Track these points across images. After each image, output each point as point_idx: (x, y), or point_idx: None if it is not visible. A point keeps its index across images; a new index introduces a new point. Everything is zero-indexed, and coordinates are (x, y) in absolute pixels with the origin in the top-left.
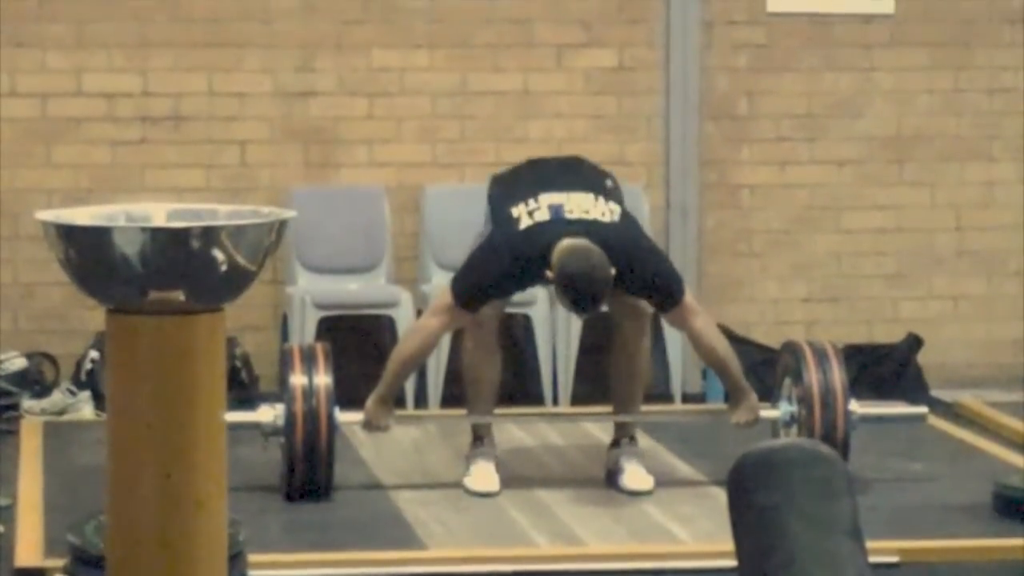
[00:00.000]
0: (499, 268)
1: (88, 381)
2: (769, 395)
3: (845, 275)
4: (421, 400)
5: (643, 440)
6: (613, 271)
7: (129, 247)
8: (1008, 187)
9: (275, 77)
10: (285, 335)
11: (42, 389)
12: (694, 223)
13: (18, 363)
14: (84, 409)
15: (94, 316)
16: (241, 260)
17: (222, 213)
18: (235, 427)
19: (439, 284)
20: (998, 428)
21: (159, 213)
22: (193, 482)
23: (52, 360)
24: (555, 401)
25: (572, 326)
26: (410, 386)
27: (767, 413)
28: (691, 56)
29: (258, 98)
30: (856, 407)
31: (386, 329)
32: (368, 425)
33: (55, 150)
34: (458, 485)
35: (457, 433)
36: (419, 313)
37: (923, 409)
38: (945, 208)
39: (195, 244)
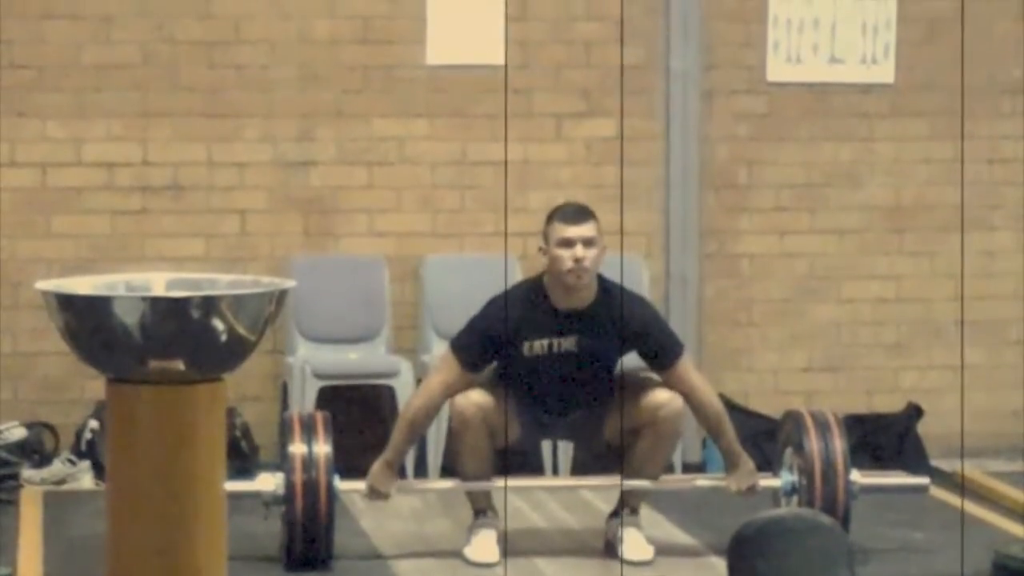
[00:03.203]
0: (495, 310)
1: (88, 451)
2: (769, 465)
3: (845, 345)
4: (421, 470)
5: (643, 509)
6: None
7: (129, 316)
8: (1008, 256)
9: (275, 147)
10: (285, 405)
11: (42, 459)
12: (694, 292)
13: (18, 433)
14: (84, 479)
15: (94, 386)
16: (241, 330)
17: (222, 283)
18: (235, 496)
19: (439, 353)
20: (999, 498)
21: (159, 282)
22: (193, 552)
23: (52, 430)
24: (555, 471)
25: None
26: (410, 456)
27: (768, 482)
28: (691, 126)
29: (258, 167)
30: (857, 477)
31: (386, 399)
32: (371, 492)
33: (55, 220)
34: (458, 555)
35: (457, 503)
36: (419, 383)
37: (924, 480)
38: (945, 278)
39: (195, 314)
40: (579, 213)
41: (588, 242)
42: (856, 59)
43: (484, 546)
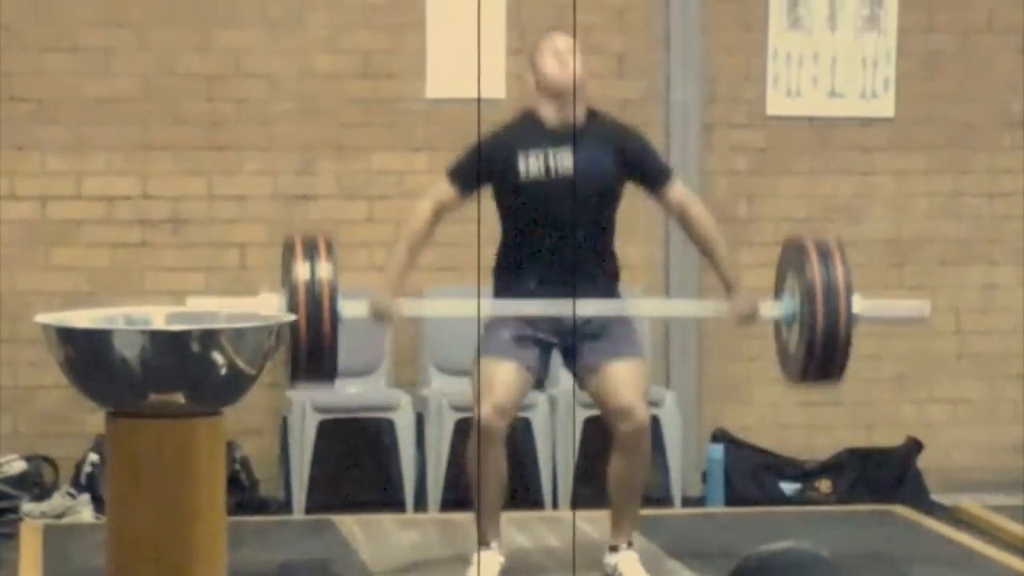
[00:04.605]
0: (489, 134)
1: (88, 484)
2: (769, 500)
3: (845, 378)
4: (420, 503)
5: (643, 543)
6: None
7: (128, 350)
8: (1008, 291)
9: (275, 180)
10: (285, 439)
11: (42, 492)
12: (694, 326)
13: (18, 466)
14: (84, 512)
15: (94, 419)
16: (241, 363)
17: (222, 316)
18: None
19: (439, 388)
20: (998, 532)
21: (158, 316)
22: None
23: (52, 463)
24: (555, 504)
25: (572, 430)
26: (410, 487)
27: (767, 311)
28: (691, 159)
29: (258, 201)
30: (859, 303)
31: (386, 432)
32: (375, 312)
33: (54, 253)
34: None
35: (457, 536)
36: (419, 416)
37: (925, 307)
38: (945, 312)
39: (195, 347)
40: (563, 36)
41: (570, 50)
42: (856, 93)
43: (487, 566)
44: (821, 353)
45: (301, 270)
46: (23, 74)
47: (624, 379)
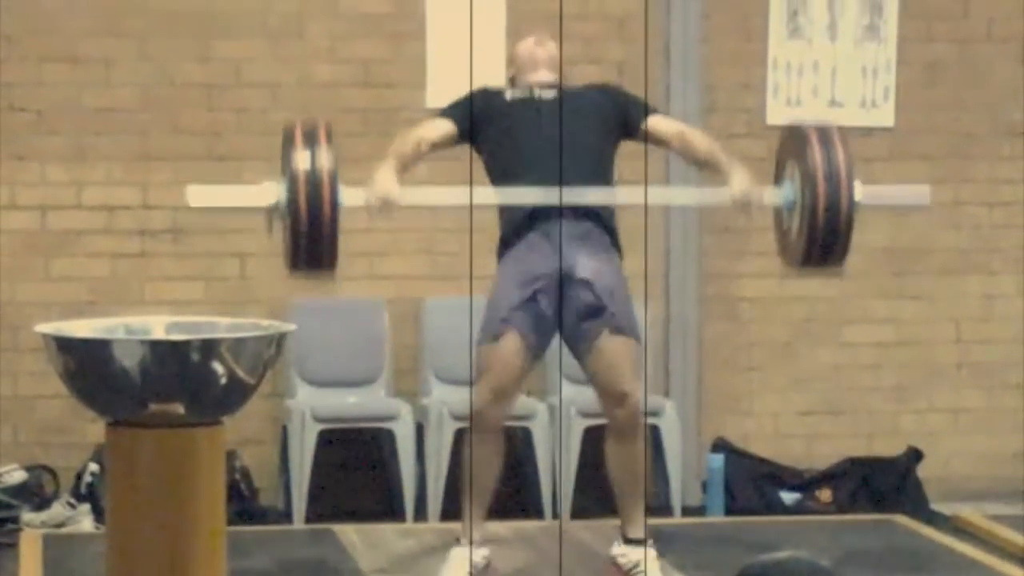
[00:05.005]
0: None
1: (88, 494)
2: (769, 509)
3: (845, 388)
4: (420, 512)
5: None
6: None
7: (128, 360)
8: (1008, 300)
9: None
10: (285, 448)
11: (42, 502)
12: (694, 336)
13: (18, 476)
14: (84, 522)
15: (94, 429)
16: (241, 373)
17: (222, 326)
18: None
19: (439, 397)
20: (998, 542)
21: (158, 326)
22: None
23: (52, 473)
24: (555, 514)
25: (572, 439)
26: (410, 497)
27: (768, 197)
28: (690, 169)
29: (258, 211)
30: (860, 189)
31: (386, 442)
32: (375, 198)
33: (54, 263)
34: None
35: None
36: (419, 426)
37: (925, 193)
38: (945, 321)
39: (195, 357)
40: (542, 34)
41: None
42: (856, 102)
43: (455, 566)
44: (823, 237)
45: (301, 157)
46: (23, 84)
47: (620, 360)
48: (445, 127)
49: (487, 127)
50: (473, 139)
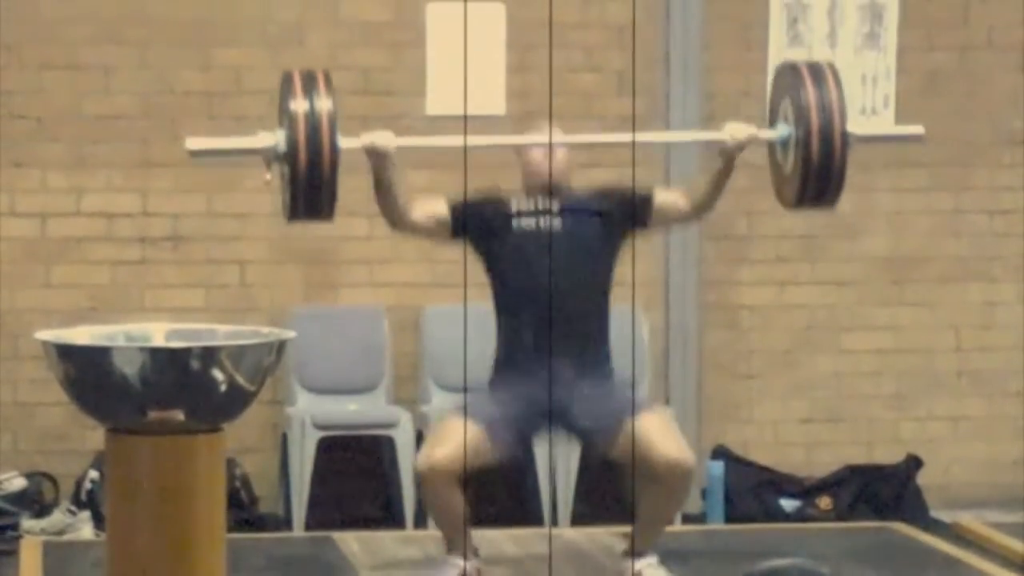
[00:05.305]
0: (484, 188)
1: (88, 501)
2: (769, 515)
3: (845, 396)
4: (420, 520)
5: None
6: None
7: (128, 367)
8: (1008, 308)
9: (275, 197)
10: (285, 456)
11: (42, 509)
12: (694, 343)
13: (18, 483)
14: (84, 529)
15: (94, 436)
16: (241, 380)
17: (221, 333)
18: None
19: (439, 405)
20: (998, 549)
21: (158, 333)
22: None
23: (52, 480)
24: (555, 522)
25: (572, 446)
26: (410, 505)
27: (764, 134)
28: (691, 176)
29: (258, 218)
30: (854, 128)
31: (386, 449)
32: (373, 142)
33: (54, 270)
34: None
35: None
36: (419, 434)
37: (919, 129)
38: (945, 329)
39: (195, 364)
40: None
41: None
42: (856, 110)
43: None
44: (817, 174)
45: (300, 103)
46: (23, 92)
47: (661, 430)
48: (442, 212)
49: (492, 243)
50: (476, 246)
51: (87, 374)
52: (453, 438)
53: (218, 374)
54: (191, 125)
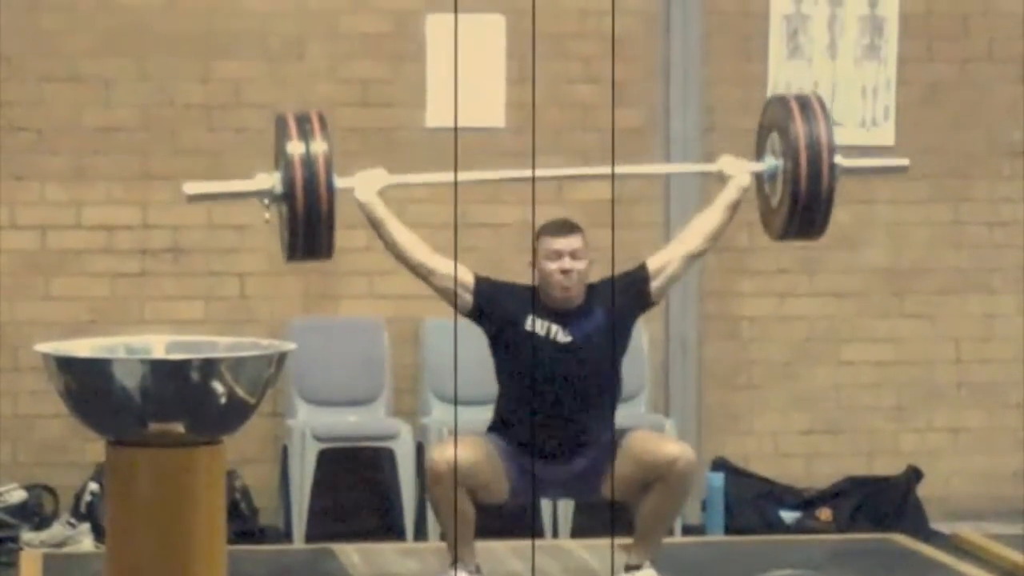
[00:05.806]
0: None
1: (88, 513)
2: (768, 529)
3: (845, 407)
4: (421, 532)
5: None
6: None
7: (129, 379)
8: (1008, 319)
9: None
10: (285, 468)
11: (41, 521)
12: (694, 355)
13: (17, 495)
14: (84, 541)
15: (94, 448)
16: (241, 392)
17: (222, 345)
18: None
19: (439, 417)
20: (998, 561)
21: (159, 345)
22: None
23: (52, 492)
24: (555, 533)
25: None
26: (410, 516)
27: (754, 167)
28: (691, 188)
29: (257, 230)
30: (841, 160)
31: (386, 461)
32: (366, 180)
33: (54, 282)
34: None
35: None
36: (419, 446)
37: (904, 162)
38: (945, 340)
39: (195, 376)
40: (566, 226)
41: (575, 254)
42: (856, 122)
43: None
44: (804, 208)
45: (296, 145)
46: (23, 104)
47: (650, 436)
48: (467, 279)
49: (504, 334)
50: (487, 328)
51: (87, 386)
52: (471, 445)
53: (218, 386)
54: (191, 137)
